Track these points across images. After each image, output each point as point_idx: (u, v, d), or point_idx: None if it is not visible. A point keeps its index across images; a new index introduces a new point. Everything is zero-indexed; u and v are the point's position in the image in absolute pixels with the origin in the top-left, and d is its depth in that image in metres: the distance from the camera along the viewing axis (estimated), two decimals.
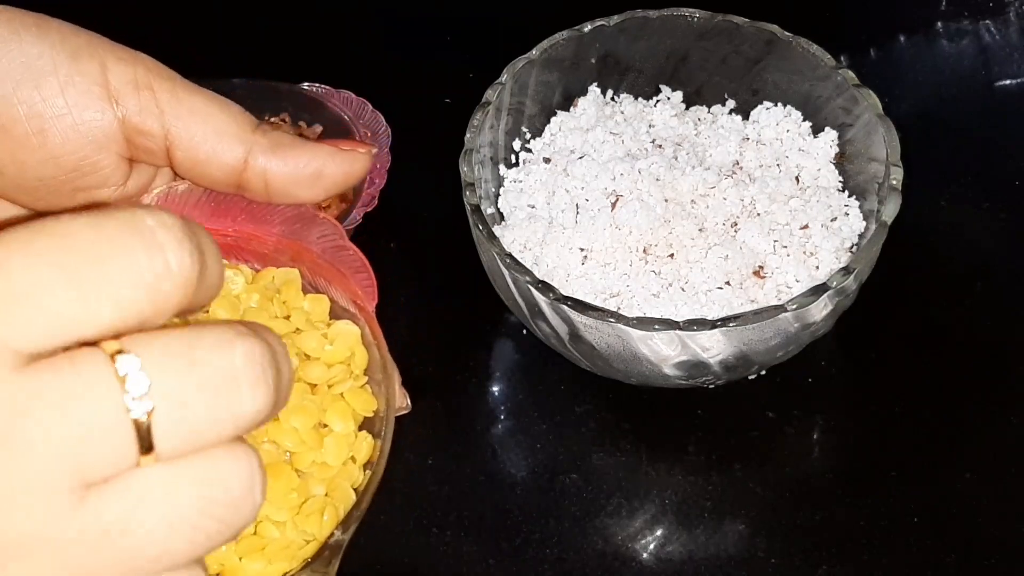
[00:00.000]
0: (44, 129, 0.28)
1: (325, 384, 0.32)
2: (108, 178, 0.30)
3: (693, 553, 0.43)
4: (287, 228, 0.33)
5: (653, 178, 0.45)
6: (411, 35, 0.63)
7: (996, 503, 0.44)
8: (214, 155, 0.30)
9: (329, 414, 0.31)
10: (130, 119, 0.29)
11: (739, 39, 0.49)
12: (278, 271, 0.34)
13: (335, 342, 0.33)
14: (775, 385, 0.47)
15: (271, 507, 0.30)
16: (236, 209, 0.33)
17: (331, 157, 0.31)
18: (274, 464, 0.30)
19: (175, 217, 0.20)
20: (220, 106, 0.30)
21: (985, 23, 0.61)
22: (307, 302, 0.33)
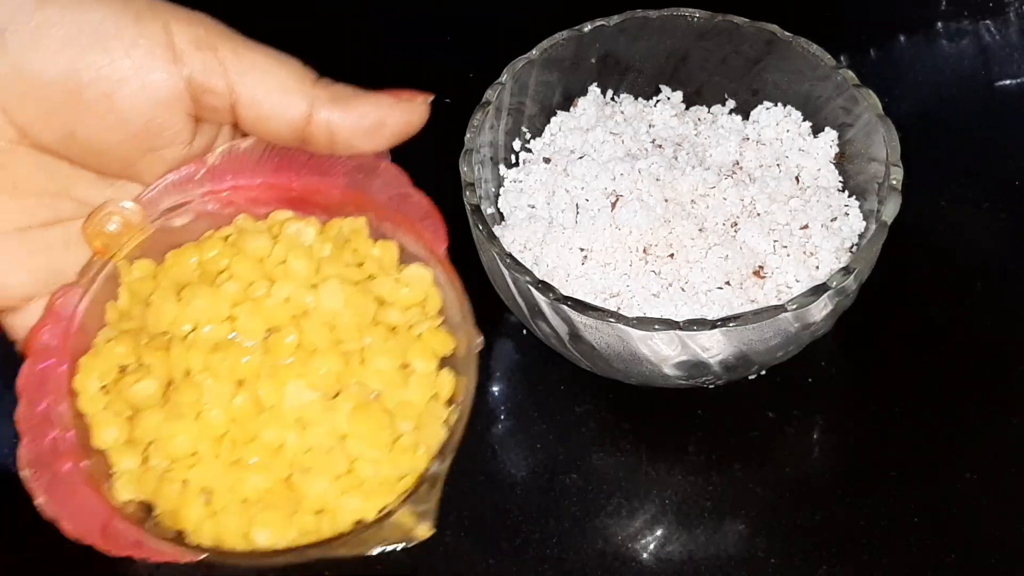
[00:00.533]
0: (112, 93, 0.28)
1: (404, 326, 0.33)
2: (176, 138, 0.30)
3: (693, 553, 0.43)
4: (350, 179, 0.33)
5: (653, 178, 0.45)
6: (411, 35, 0.63)
7: (996, 503, 0.44)
8: (278, 110, 0.30)
9: (410, 354, 0.32)
10: (195, 78, 0.29)
11: (739, 39, 0.49)
12: (345, 221, 0.34)
13: (409, 285, 0.33)
14: (775, 385, 0.47)
15: (365, 445, 0.30)
16: (299, 163, 0.33)
17: (391, 107, 0.32)
18: (363, 404, 0.31)
19: None
20: (281, 62, 0.31)
21: (985, 23, 0.61)
22: (377, 249, 0.34)
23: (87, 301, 0.32)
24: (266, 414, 0.30)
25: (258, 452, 0.30)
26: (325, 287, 0.32)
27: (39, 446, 0.30)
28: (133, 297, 0.32)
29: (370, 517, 0.31)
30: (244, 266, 0.32)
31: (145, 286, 0.32)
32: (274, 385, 0.30)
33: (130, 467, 0.30)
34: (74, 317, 0.31)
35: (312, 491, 0.30)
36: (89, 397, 0.31)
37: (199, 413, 0.30)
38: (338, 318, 0.32)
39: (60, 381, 0.31)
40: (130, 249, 0.33)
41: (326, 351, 0.31)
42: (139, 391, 0.30)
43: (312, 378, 0.31)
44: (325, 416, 0.30)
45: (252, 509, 0.30)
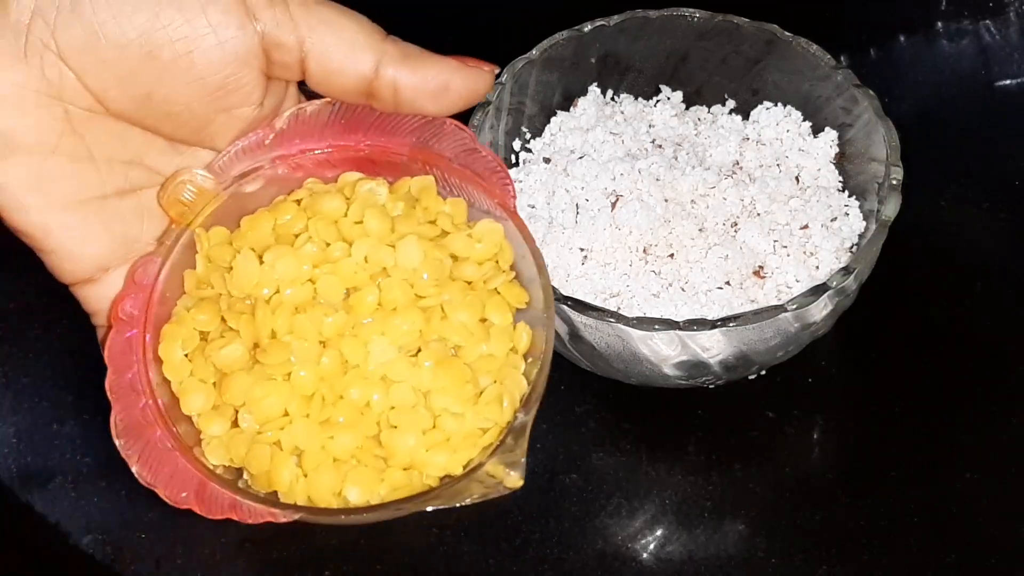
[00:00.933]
0: (190, 51, 0.29)
1: (480, 281, 0.33)
2: (250, 95, 0.30)
3: (693, 553, 0.43)
4: (417, 137, 0.34)
5: (653, 178, 0.45)
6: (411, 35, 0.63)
7: (996, 503, 0.44)
8: (346, 64, 0.30)
9: (487, 308, 0.32)
10: (268, 33, 0.29)
11: (739, 39, 0.49)
12: (414, 179, 0.34)
13: (482, 240, 0.33)
14: (775, 385, 0.47)
15: (449, 399, 0.31)
16: (366, 124, 0.34)
17: (457, 71, 0.32)
18: (445, 359, 0.31)
19: None
20: (351, 16, 0.31)
21: (985, 23, 0.61)
22: (447, 206, 0.34)
23: (166, 270, 0.32)
24: (351, 373, 0.31)
25: (345, 411, 0.30)
26: (402, 244, 0.32)
27: (130, 415, 0.30)
28: (211, 264, 0.33)
29: (456, 471, 0.31)
30: (321, 227, 0.32)
31: (222, 253, 0.33)
32: (357, 344, 0.31)
33: (219, 432, 0.31)
34: (155, 286, 0.32)
35: (399, 447, 0.30)
36: (174, 365, 0.31)
37: (288, 374, 0.31)
38: (416, 275, 0.32)
39: (146, 349, 0.31)
40: (205, 217, 0.33)
41: (406, 308, 0.31)
42: (227, 355, 0.31)
43: (394, 335, 0.31)
44: (408, 373, 0.31)
45: (343, 468, 0.30)
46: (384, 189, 0.34)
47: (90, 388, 0.49)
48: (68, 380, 0.50)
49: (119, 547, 0.45)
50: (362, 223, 0.33)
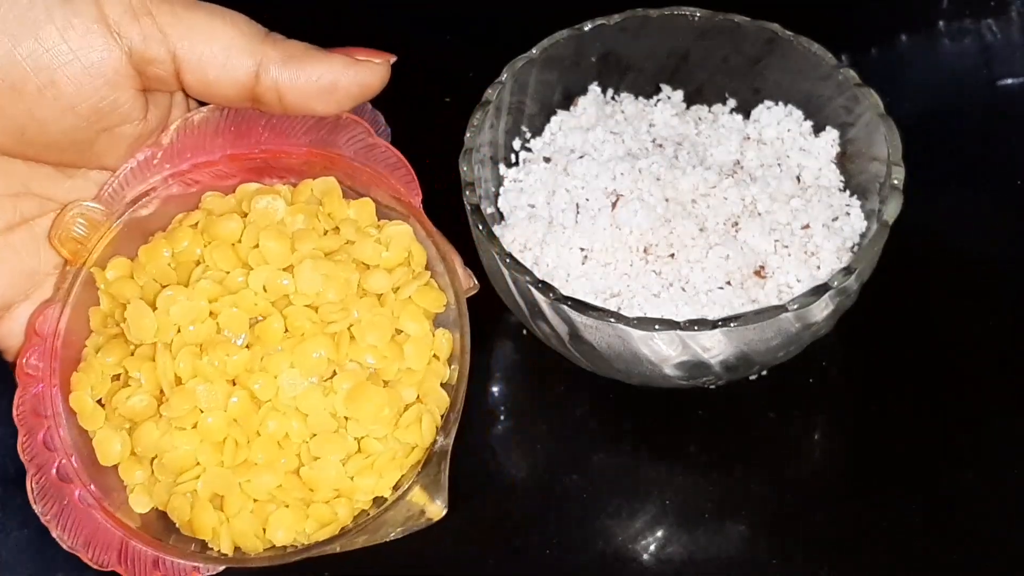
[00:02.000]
0: (55, 80, 0.27)
1: (391, 290, 0.31)
2: (129, 114, 0.29)
3: (693, 554, 0.43)
4: (313, 137, 0.32)
5: (654, 178, 0.45)
6: (411, 35, 0.63)
7: (996, 503, 0.44)
8: (224, 72, 0.29)
9: (402, 320, 0.31)
10: (136, 49, 0.28)
11: (740, 38, 0.49)
12: (315, 182, 0.32)
13: (390, 245, 0.32)
14: (775, 385, 0.47)
15: (369, 424, 0.29)
16: (257, 128, 0.32)
17: (346, 68, 0.30)
18: (361, 384, 0.30)
19: None
20: (224, 19, 0.29)
21: (987, 22, 0.61)
22: (352, 209, 0.32)
23: (68, 314, 0.31)
24: (265, 407, 0.29)
25: (263, 449, 0.29)
26: (300, 269, 0.30)
27: (47, 477, 0.29)
28: (113, 300, 0.31)
29: (386, 493, 0.30)
30: (218, 256, 0.31)
31: (124, 287, 0.31)
32: (267, 378, 0.30)
33: (141, 479, 0.30)
34: (57, 333, 0.30)
35: (324, 478, 0.29)
36: (88, 414, 0.30)
37: (196, 421, 0.29)
38: (321, 298, 0.30)
39: (55, 403, 0.30)
40: (102, 250, 0.31)
41: (314, 334, 0.30)
42: (133, 405, 0.29)
43: (305, 364, 0.30)
44: (324, 401, 0.30)
45: (266, 508, 0.29)
46: (281, 202, 0.32)
47: None
48: None
49: None
50: (259, 247, 0.31)
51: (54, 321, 0.30)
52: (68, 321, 0.31)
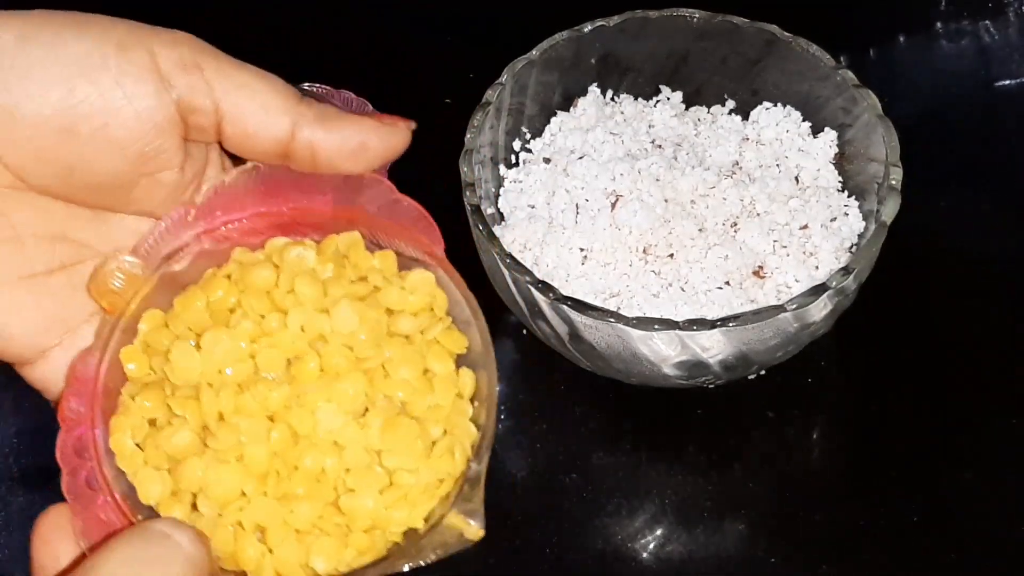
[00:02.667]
0: (107, 124, 0.28)
1: (417, 332, 0.33)
2: (171, 160, 0.30)
3: (693, 553, 0.43)
4: (338, 195, 0.34)
5: (653, 178, 0.45)
6: (411, 35, 0.63)
7: (996, 503, 0.44)
8: (262, 128, 0.31)
9: (429, 359, 0.32)
10: (184, 99, 0.29)
11: (739, 39, 0.49)
12: (340, 237, 0.34)
13: (414, 291, 0.33)
14: (775, 385, 0.47)
15: (401, 457, 0.31)
16: (286, 187, 0.34)
17: (374, 131, 0.32)
18: (392, 417, 0.31)
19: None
20: (265, 80, 0.31)
21: (985, 23, 0.61)
22: (376, 260, 0.34)
23: (107, 361, 0.32)
24: (302, 442, 0.31)
25: (302, 482, 0.31)
26: (337, 310, 0.32)
27: (90, 514, 0.31)
28: (149, 349, 0.33)
29: (418, 525, 0.31)
30: (255, 301, 0.32)
31: (159, 337, 0.33)
32: (305, 413, 0.31)
33: (180, 518, 0.31)
34: (97, 379, 0.32)
35: (360, 510, 0.30)
36: (127, 455, 0.31)
37: (240, 455, 0.31)
38: (354, 337, 0.32)
39: (96, 445, 0.31)
40: (138, 302, 0.33)
41: (349, 371, 0.32)
42: (177, 442, 0.31)
43: (340, 400, 0.31)
44: (358, 435, 0.31)
45: (307, 539, 0.31)
46: (311, 252, 0.34)
47: None
48: None
49: None
50: (293, 292, 0.32)
51: (93, 366, 0.32)
52: (106, 368, 0.32)
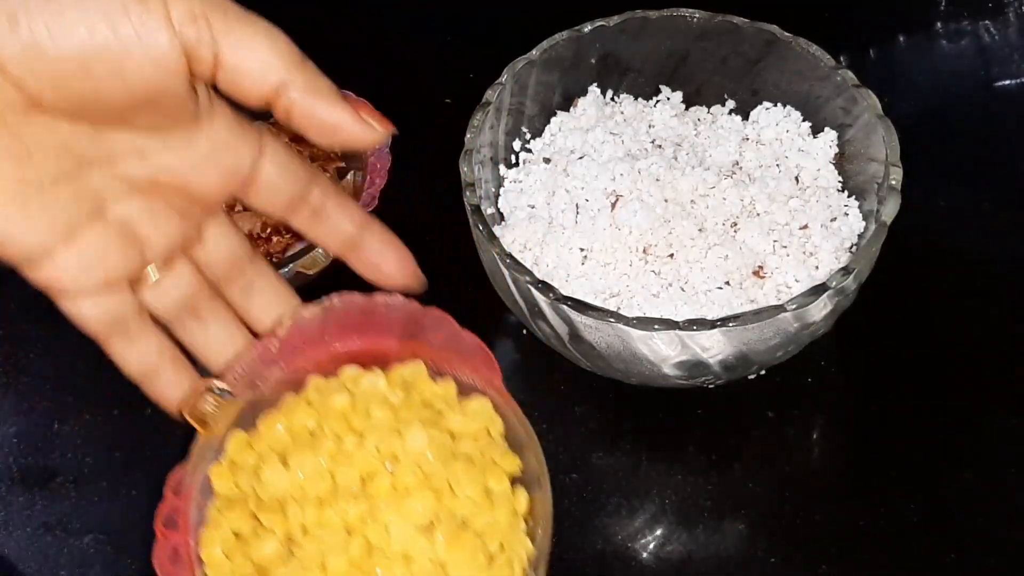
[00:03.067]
0: (122, 65, 0.31)
1: (478, 453, 0.36)
2: (175, 98, 0.33)
3: (693, 553, 0.43)
4: (404, 330, 0.38)
5: (653, 178, 0.46)
6: (411, 35, 0.63)
7: (996, 503, 0.44)
8: (252, 83, 0.33)
9: (488, 478, 0.36)
10: (189, 48, 0.32)
11: (739, 39, 0.49)
12: (406, 367, 0.38)
13: (474, 417, 0.37)
14: (775, 385, 0.47)
15: (463, 569, 0.34)
16: (357, 324, 0.38)
17: (352, 120, 0.35)
18: (456, 532, 0.35)
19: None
20: (269, 36, 0.34)
21: (984, 23, 0.61)
22: (438, 388, 0.38)
23: (198, 476, 0.36)
24: (376, 554, 0.34)
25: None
26: (410, 432, 0.36)
27: None
28: (235, 467, 0.37)
29: None
30: (334, 424, 0.36)
31: (244, 456, 0.37)
32: (379, 527, 0.35)
33: None
34: (190, 493, 0.36)
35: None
36: (216, 564, 0.35)
37: (322, 564, 0.34)
38: (423, 457, 0.36)
39: (189, 554, 0.35)
40: (226, 423, 0.37)
41: (418, 489, 0.35)
42: (265, 553, 0.35)
43: (410, 515, 0.35)
44: (426, 548, 0.34)
45: None
46: (382, 380, 0.37)
47: (91, 388, 0.49)
48: (68, 380, 0.50)
49: (119, 547, 0.45)
50: (368, 415, 0.37)
51: (187, 483, 0.36)
52: (198, 483, 0.36)
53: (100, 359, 0.51)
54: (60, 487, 0.46)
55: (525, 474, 0.37)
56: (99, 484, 0.46)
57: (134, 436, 0.48)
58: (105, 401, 0.49)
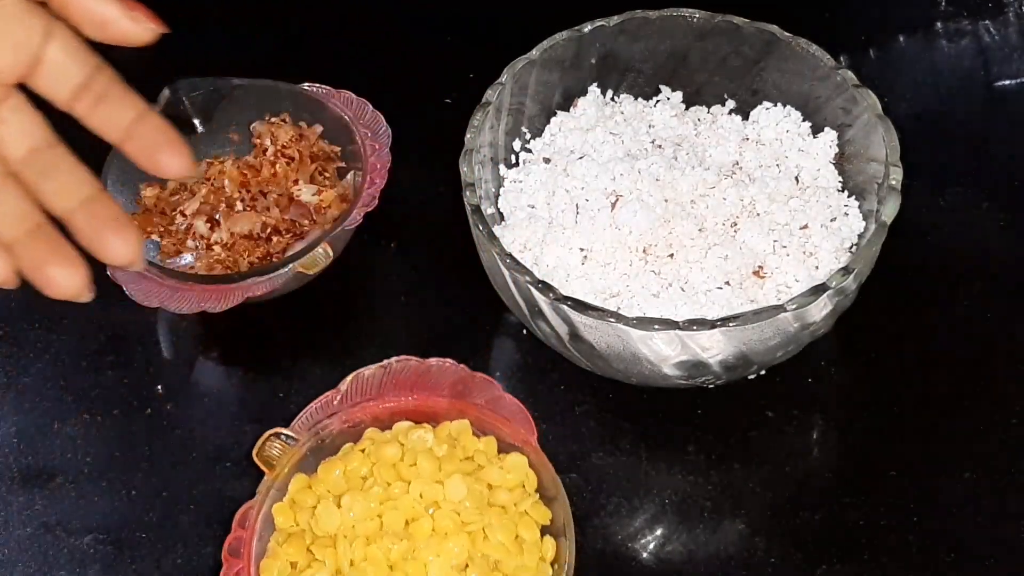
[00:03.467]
0: None
1: (511, 504, 0.41)
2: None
3: (693, 553, 0.43)
4: (453, 390, 0.43)
5: (653, 178, 0.46)
6: (411, 35, 0.63)
7: (996, 503, 0.44)
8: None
9: (520, 527, 0.40)
10: None
11: (739, 39, 0.49)
12: (453, 423, 0.43)
13: (511, 471, 0.42)
14: (775, 385, 0.47)
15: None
16: (411, 382, 0.43)
17: (121, 16, 0.36)
18: (488, 573, 0.39)
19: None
20: None
21: (984, 23, 0.61)
22: (480, 444, 0.42)
23: (263, 513, 0.41)
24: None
25: None
26: (450, 482, 0.40)
27: None
28: (295, 506, 0.41)
29: None
30: (384, 472, 0.41)
31: (304, 496, 0.41)
32: (418, 565, 0.39)
33: None
34: (254, 528, 0.41)
35: None
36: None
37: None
38: (462, 504, 0.40)
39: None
40: (290, 466, 0.42)
41: (455, 533, 0.40)
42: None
43: (447, 556, 0.39)
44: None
45: None
46: (430, 435, 0.42)
47: (90, 388, 0.49)
48: (68, 380, 0.50)
49: (119, 547, 0.45)
50: (415, 465, 0.41)
51: (252, 518, 0.41)
52: (262, 519, 0.41)
53: (100, 359, 0.51)
54: (60, 487, 0.46)
55: (553, 524, 0.41)
56: (99, 484, 0.46)
57: (134, 436, 0.48)
58: (105, 401, 0.49)
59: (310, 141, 0.52)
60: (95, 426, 0.48)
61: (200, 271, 0.49)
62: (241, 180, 0.51)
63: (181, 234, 0.50)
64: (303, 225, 0.50)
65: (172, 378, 0.50)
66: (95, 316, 0.51)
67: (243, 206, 0.50)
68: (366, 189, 0.49)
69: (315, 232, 0.49)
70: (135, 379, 0.49)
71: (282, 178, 0.51)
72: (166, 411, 0.48)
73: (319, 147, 0.52)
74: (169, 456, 0.47)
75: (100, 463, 0.47)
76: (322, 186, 0.51)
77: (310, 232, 0.50)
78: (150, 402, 0.49)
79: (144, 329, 0.51)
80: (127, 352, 0.50)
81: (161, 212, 0.51)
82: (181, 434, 0.48)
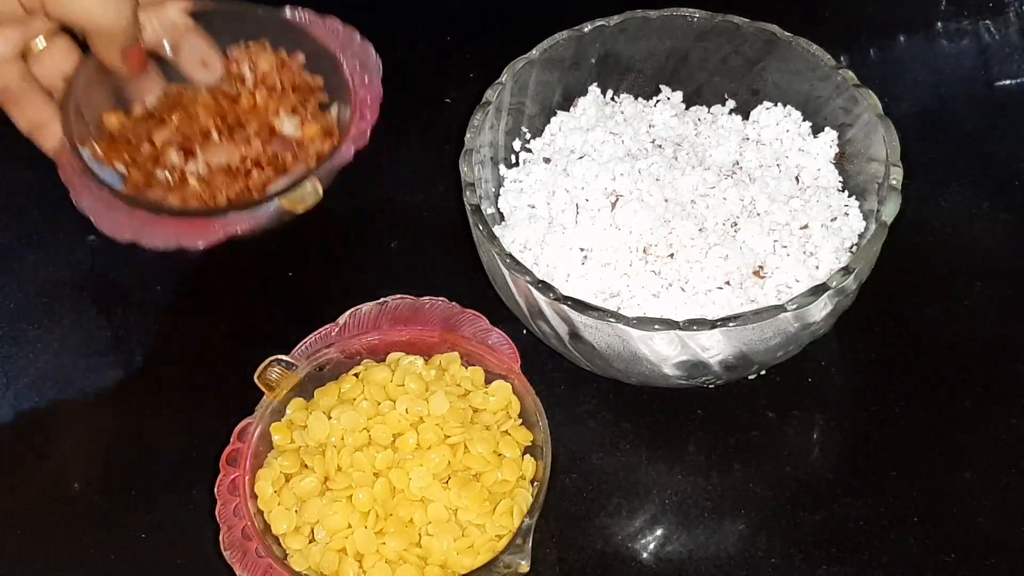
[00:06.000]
0: None
1: (495, 425, 0.43)
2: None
3: (693, 553, 0.43)
4: (443, 325, 0.45)
5: (653, 178, 0.46)
6: (411, 35, 0.63)
7: (996, 503, 0.44)
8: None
9: (501, 446, 0.42)
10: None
11: (739, 39, 0.49)
12: (443, 355, 0.45)
13: (495, 396, 0.44)
14: (775, 385, 0.47)
15: (472, 514, 0.41)
16: (405, 318, 0.45)
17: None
18: (468, 483, 0.41)
19: None
20: None
21: (985, 23, 0.61)
22: (468, 373, 0.45)
23: (260, 429, 0.43)
24: (398, 496, 0.41)
25: (394, 524, 0.41)
26: (433, 398, 0.43)
27: (234, 534, 0.41)
28: (292, 425, 0.44)
29: (480, 564, 0.40)
30: (373, 391, 0.44)
31: (300, 416, 0.44)
32: (402, 473, 0.41)
33: (299, 547, 0.41)
34: (251, 441, 0.43)
35: (436, 550, 0.40)
36: (266, 498, 0.42)
37: (350, 496, 0.41)
38: (444, 420, 0.42)
39: (245, 488, 0.42)
40: (288, 391, 0.44)
41: (438, 445, 0.42)
42: (305, 486, 0.42)
43: (429, 466, 0.41)
44: (441, 494, 0.41)
45: (394, 566, 0.40)
46: (421, 361, 0.45)
47: (91, 388, 0.49)
48: (68, 380, 0.50)
49: (120, 547, 0.45)
50: (404, 386, 0.44)
51: (250, 432, 0.43)
52: (259, 434, 0.43)
53: (100, 359, 0.51)
54: (61, 487, 0.46)
55: (533, 444, 0.43)
56: (100, 484, 0.46)
57: (134, 435, 0.48)
58: (105, 401, 0.49)
59: (292, 70, 0.49)
60: (95, 426, 0.48)
61: (175, 206, 0.46)
62: (217, 109, 0.48)
63: (149, 165, 0.47)
64: (285, 160, 0.47)
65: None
66: (95, 315, 0.51)
67: (219, 137, 0.47)
68: (356, 123, 0.47)
69: (298, 168, 0.47)
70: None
71: (262, 109, 0.48)
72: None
73: (300, 78, 0.49)
74: (169, 457, 0.47)
75: (100, 463, 0.47)
76: (303, 119, 0.48)
77: (293, 168, 0.47)
78: (150, 402, 0.49)
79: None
80: (127, 352, 0.50)
81: (127, 141, 0.48)
82: (181, 435, 0.48)
